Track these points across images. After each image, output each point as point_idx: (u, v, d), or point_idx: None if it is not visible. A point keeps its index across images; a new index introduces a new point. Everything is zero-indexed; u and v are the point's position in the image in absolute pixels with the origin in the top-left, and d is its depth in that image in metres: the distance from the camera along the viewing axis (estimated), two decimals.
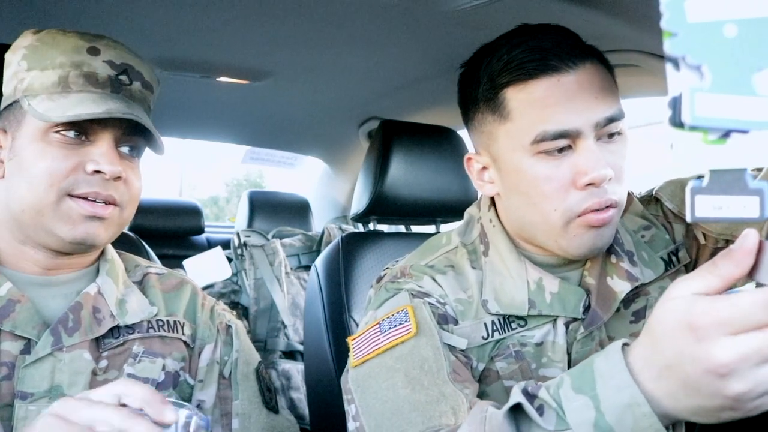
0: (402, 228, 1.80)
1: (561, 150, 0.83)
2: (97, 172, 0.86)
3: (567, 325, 0.89)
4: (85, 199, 0.85)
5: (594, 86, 0.83)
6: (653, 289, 0.92)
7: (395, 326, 0.84)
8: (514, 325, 0.89)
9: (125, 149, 0.91)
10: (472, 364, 0.87)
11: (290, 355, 2.26)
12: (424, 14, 1.30)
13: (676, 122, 0.46)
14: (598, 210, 0.83)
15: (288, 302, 2.27)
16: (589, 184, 0.82)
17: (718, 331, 0.50)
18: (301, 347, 2.21)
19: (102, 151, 0.87)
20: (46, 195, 0.84)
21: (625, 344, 0.59)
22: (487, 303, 0.89)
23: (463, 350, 0.87)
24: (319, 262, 1.52)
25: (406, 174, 1.50)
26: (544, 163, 0.84)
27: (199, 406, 0.97)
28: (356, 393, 0.83)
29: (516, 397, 0.63)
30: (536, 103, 0.83)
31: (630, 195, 0.98)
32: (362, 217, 1.59)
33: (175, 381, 0.95)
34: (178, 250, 2.69)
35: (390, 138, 1.50)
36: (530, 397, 0.63)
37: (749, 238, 0.51)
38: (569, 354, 0.88)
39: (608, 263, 0.91)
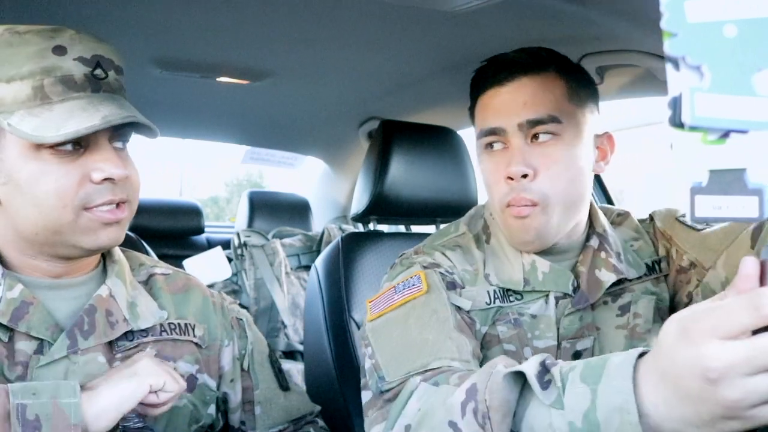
0: (402, 228, 1.80)
1: (494, 145, 0.99)
2: (105, 179, 0.83)
3: (557, 300, 1.00)
4: (101, 207, 0.84)
5: (526, 94, 0.97)
6: (637, 288, 1.03)
7: (409, 287, 0.96)
8: (512, 299, 1.00)
9: (118, 144, 0.88)
10: (476, 327, 0.98)
11: (290, 355, 2.26)
12: (424, 14, 1.30)
13: (676, 122, 0.46)
14: (517, 204, 0.95)
15: (288, 302, 2.27)
16: (510, 178, 0.95)
17: (708, 336, 0.51)
18: (301, 347, 2.21)
19: (103, 156, 0.83)
20: (62, 215, 0.81)
21: (644, 353, 0.60)
22: (489, 276, 1.01)
23: (468, 312, 0.97)
24: (319, 262, 1.52)
25: (406, 174, 1.50)
26: (488, 157, 1.01)
27: (225, 400, 1.03)
28: (372, 338, 0.94)
29: (526, 366, 0.67)
30: (482, 108, 1.02)
31: (629, 214, 1.12)
32: (362, 217, 1.59)
33: (191, 384, 0.95)
34: (178, 250, 2.68)
35: (390, 138, 1.50)
36: (545, 370, 0.66)
37: (747, 265, 0.52)
38: (558, 329, 0.99)
39: (598, 258, 1.02)
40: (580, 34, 1.31)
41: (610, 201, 1.78)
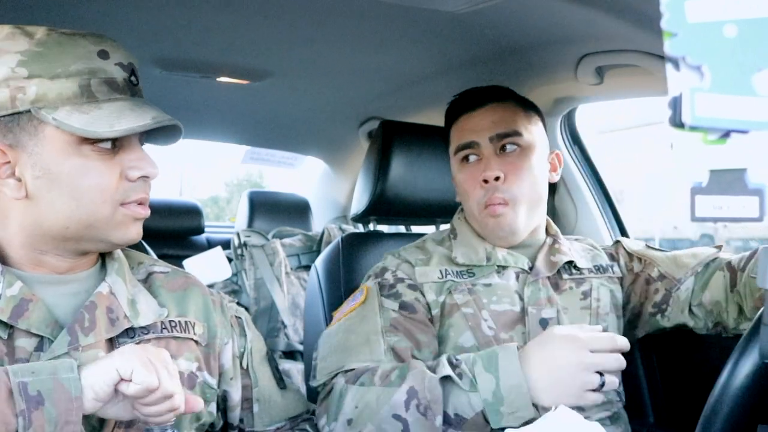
0: (402, 228, 1.80)
1: (469, 158, 1.24)
2: (141, 177, 0.87)
3: (518, 275, 1.24)
4: (134, 203, 0.88)
5: (494, 116, 1.24)
6: (595, 281, 1.28)
7: (353, 300, 1.22)
8: (465, 276, 1.23)
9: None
10: (431, 297, 1.20)
11: (290, 355, 2.26)
12: (424, 14, 1.30)
13: (677, 122, 0.46)
14: (492, 204, 1.20)
15: (288, 302, 2.27)
16: (485, 181, 1.20)
17: (586, 347, 0.95)
18: (301, 347, 2.21)
19: (138, 155, 0.88)
20: (100, 209, 0.85)
21: (519, 346, 1.00)
22: (456, 258, 1.25)
23: (402, 308, 1.18)
24: (319, 262, 1.52)
25: (406, 174, 1.50)
26: (464, 168, 1.26)
27: (225, 398, 1.03)
28: (320, 342, 1.19)
29: (445, 369, 0.99)
30: (458, 129, 1.28)
31: (587, 238, 1.41)
32: (362, 218, 1.60)
33: (191, 382, 0.95)
34: (178, 250, 2.68)
35: (390, 138, 1.50)
36: (453, 365, 1.00)
37: (619, 342, 0.98)
38: (522, 298, 1.21)
39: (553, 248, 1.28)
40: (580, 34, 1.31)
41: (610, 200, 1.78)
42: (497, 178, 1.19)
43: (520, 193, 1.21)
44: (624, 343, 0.97)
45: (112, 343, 0.89)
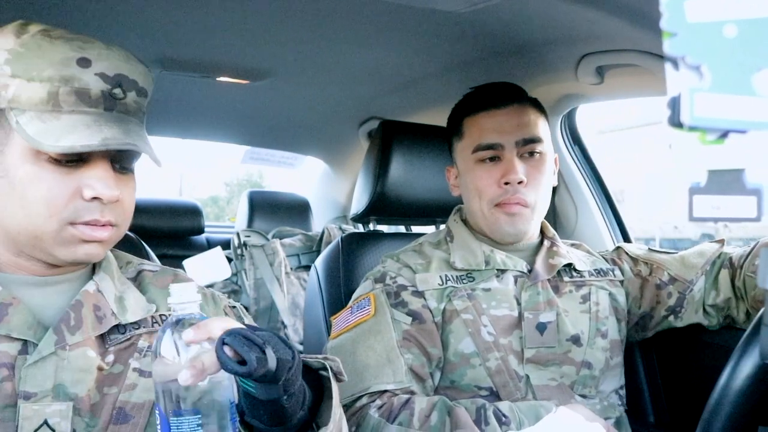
0: (402, 228, 1.80)
1: (492, 159, 1.22)
2: (95, 198, 0.83)
3: (516, 279, 1.22)
4: (85, 224, 0.83)
5: (518, 118, 1.22)
6: (595, 284, 1.27)
7: (360, 309, 1.19)
8: (465, 281, 1.22)
9: (122, 166, 0.87)
10: (433, 305, 1.19)
11: None
12: (425, 14, 1.30)
13: (675, 122, 0.46)
14: (508, 203, 1.19)
15: (288, 302, 2.27)
16: (507, 183, 1.19)
17: None
18: (301, 347, 2.21)
19: (98, 174, 0.83)
20: (46, 224, 0.81)
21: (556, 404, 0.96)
22: (454, 263, 1.23)
23: (413, 320, 1.17)
24: (319, 262, 1.52)
25: (406, 174, 1.50)
26: (481, 167, 1.23)
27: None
28: (329, 355, 1.14)
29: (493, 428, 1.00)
30: (477, 126, 1.24)
31: (581, 244, 1.39)
32: (362, 218, 1.60)
33: None
34: (178, 250, 2.68)
35: (390, 138, 1.50)
36: (500, 422, 1.01)
37: None
38: (519, 302, 1.20)
39: (551, 251, 1.28)
40: (580, 34, 1.31)
41: (610, 200, 1.78)
42: (520, 182, 1.19)
43: (538, 198, 1.22)
44: None
45: (102, 340, 0.88)
